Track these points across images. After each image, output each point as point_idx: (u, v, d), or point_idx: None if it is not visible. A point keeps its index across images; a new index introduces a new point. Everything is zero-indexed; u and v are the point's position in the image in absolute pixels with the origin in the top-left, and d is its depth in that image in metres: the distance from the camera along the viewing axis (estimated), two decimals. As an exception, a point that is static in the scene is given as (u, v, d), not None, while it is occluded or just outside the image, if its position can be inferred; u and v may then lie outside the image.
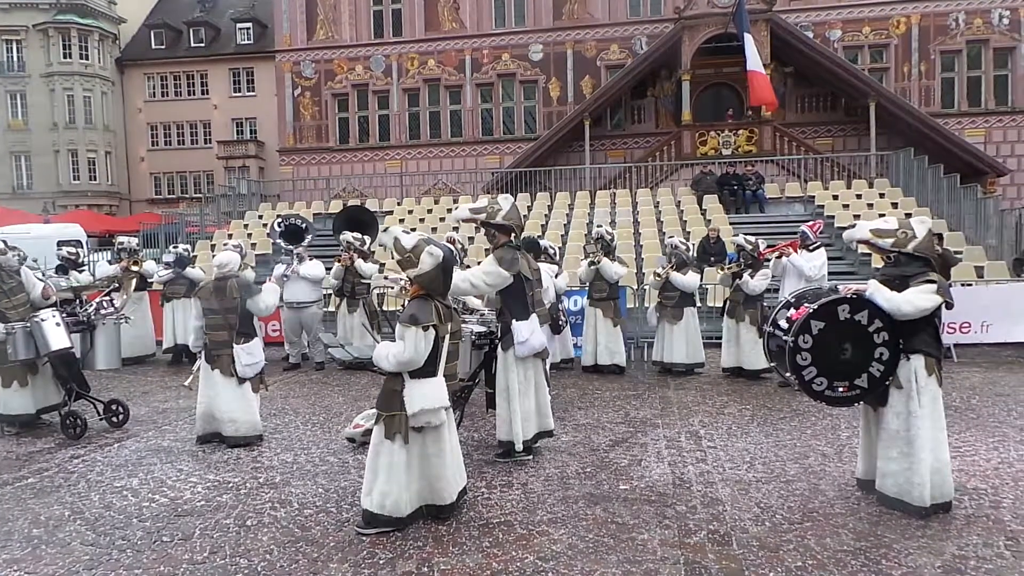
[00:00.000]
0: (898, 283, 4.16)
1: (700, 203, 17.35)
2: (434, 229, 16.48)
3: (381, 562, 3.64)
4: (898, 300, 4.06)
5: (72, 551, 3.86)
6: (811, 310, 4.20)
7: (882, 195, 16.78)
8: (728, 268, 8.94)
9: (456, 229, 15.60)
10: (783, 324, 4.37)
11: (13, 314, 6.37)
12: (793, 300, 4.51)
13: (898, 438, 4.14)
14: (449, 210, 18.53)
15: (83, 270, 10.07)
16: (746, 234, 9.24)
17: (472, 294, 5.23)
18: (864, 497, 4.43)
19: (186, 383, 6.29)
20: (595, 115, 22.98)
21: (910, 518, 4.05)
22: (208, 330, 5.93)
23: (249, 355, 5.95)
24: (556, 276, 8.56)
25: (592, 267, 8.85)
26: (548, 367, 5.84)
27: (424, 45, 25.99)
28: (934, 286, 4.04)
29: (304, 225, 10.47)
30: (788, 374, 4.28)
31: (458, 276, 4.87)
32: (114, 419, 6.60)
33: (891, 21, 23.31)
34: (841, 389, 4.20)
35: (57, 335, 6.23)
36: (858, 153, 21.47)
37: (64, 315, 6.55)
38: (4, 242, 6.64)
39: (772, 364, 4.73)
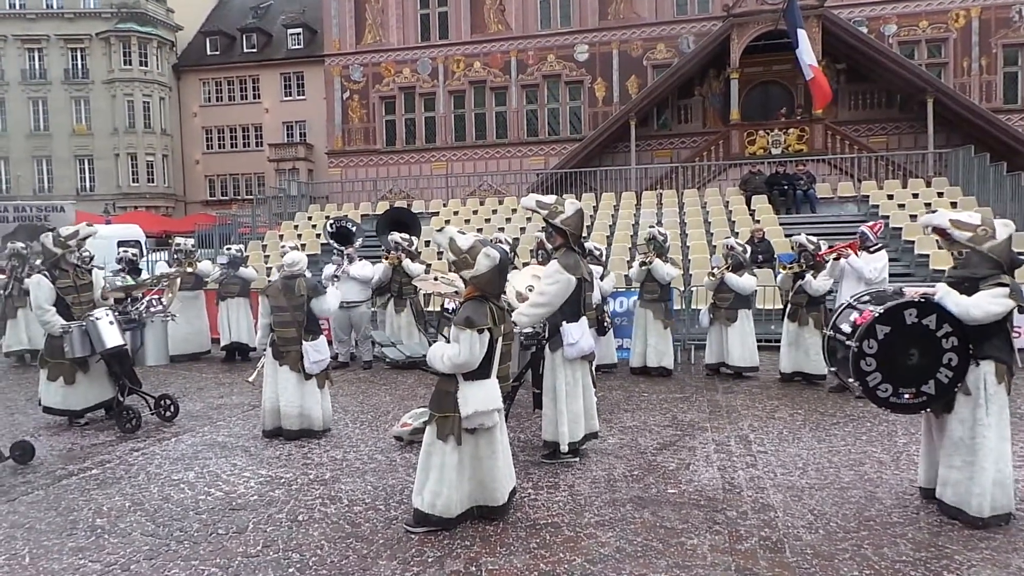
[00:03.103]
0: (967, 286, 3.98)
1: (749, 203, 17.04)
2: (479, 230, 16.55)
3: (429, 560, 3.67)
4: (967, 304, 3.88)
5: (133, 541, 4.00)
6: (877, 314, 4.02)
7: (940, 194, 16.23)
8: (788, 268, 8.69)
9: (502, 230, 15.66)
10: (846, 328, 4.22)
11: (78, 310, 6.63)
12: (855, 303, 4.35)
13: (962, 446, 3.99)
14: (494, 211, 18.62)
15: (140, 269, 10.42)
16: (797, 235, 8.99)
17: (550, 313, 5.10)
18: (924, 506, 4.29)
19: (250, 379, 6.45)
20: (641, 115, 22.78)
21: (973, 529, 3.91)
22: (276, 327, 6.11)
23: (317, 352, 6.13)
24: (602, 278, 8.52)
25: (643, 268, 8.76)
26: (594, 369, 5.81)
27: (470, 47, 26.14)
28: (1005, 290, 3.86)
29: (354, 227, 10.65)
30: (851, 380, 4.11)
31: (528, 309, 4.94)
32: (165, 413, 6.80)
33: (950, 14, 22.50)
34: (907, 396, 4.04)
35: (111, 333, 6.46)
36: (914, 151, 20.78)
37: (116, 313, 6.79)
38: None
39: (832, 369, 4.52)
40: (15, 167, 34.78)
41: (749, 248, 8.96)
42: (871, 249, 7.88)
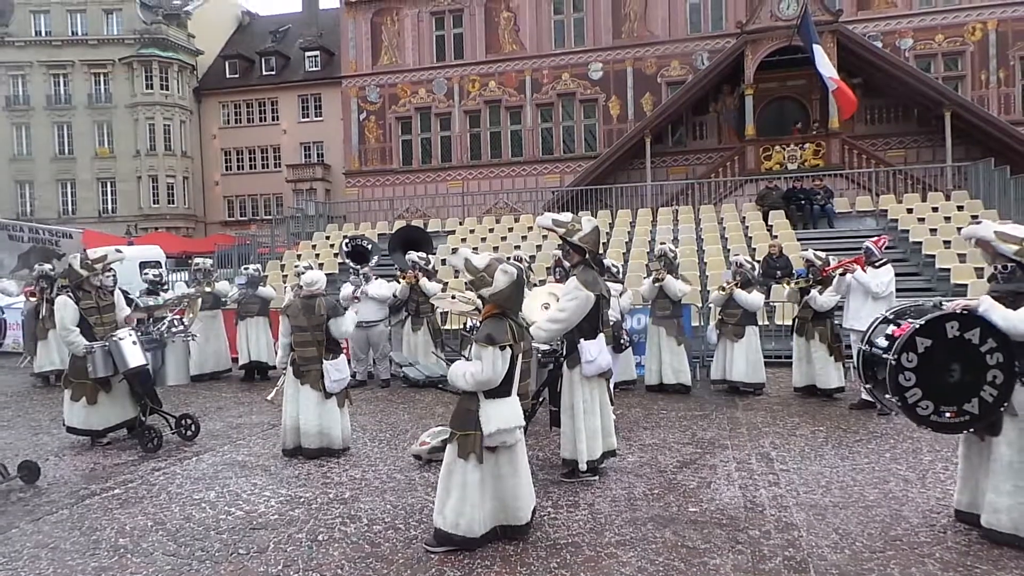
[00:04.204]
0: (1010, 300, 3.84)
1: (766, 219, 16.97)
2: (496, 248, 16.60)
3: (450, 580, 3.65)
4: (1015, 319, 3.74)
5: (155, 560, 4.02)
6: (916, 326, 3.86)
7: (960, 208, 16.06)
8: (795, 284, 8.71)
9: (518, 248, 15.69)
10: (882, 342, 4.05)
11: (100, 331, 6.70)
12: (892, 316, 4.21)
13: (1011, 470, 3.82)
14: (510, 229, 18.68)
15: (166, 289, 10.54)
16: (815, 250, 9.01)
17: (568, 329, 5.09)
18: (952, 525, 4.21)
19: (269, 397, 6.49)
20: (656, 132, 22.83)
21: (1002, 548, 3.83)
22: (297, 346, 6.16)
23: (337, 371, 6.18)
24: (620, 295, 8.51)
25: (656, 284, 8.76)
26: (612, 386, 5.79)
27: (485, 67, 26.41)
28: None
29: (370, 246, 10.73)
30: (888, 396, 3.94)
31: (547, 324, 4.94)
32: (186, 433, 6.85)
33: (966, 28, 22.42)
34: (948, 415, 3.86)
35: (134, 353, 6.55)
36: (933, 165, 20.62)
37: (138, 333, 6.88)
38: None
39: (867, 386, 4.34)
40: (39, 190, 35.43)
41: (757, 265, 8.98)
42: (876, 264, 7.87)
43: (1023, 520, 3.79)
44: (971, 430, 3.97)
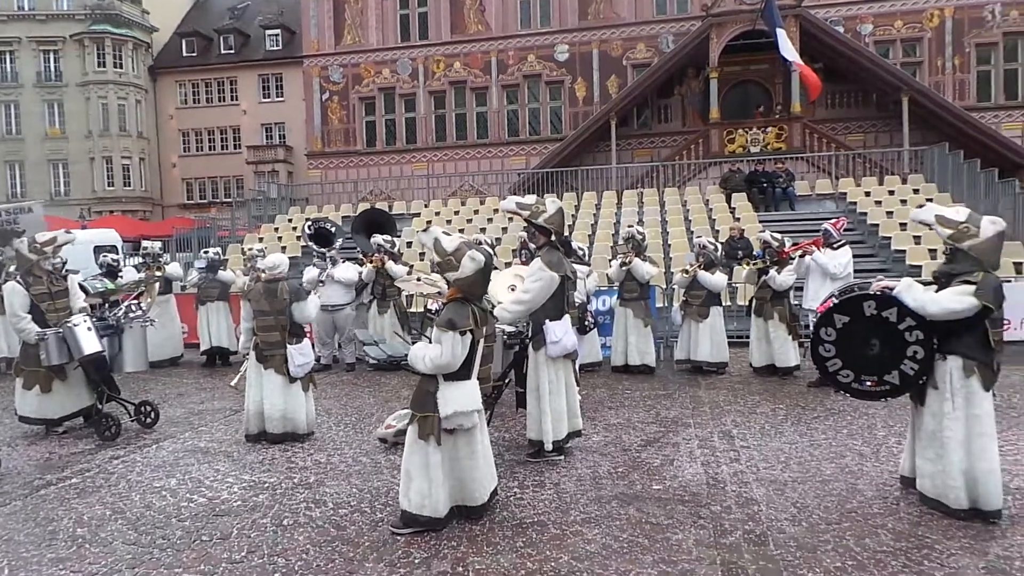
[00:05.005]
0: (944, 281, 4.01)
1: (729, 201, 17.18)
2: (461, 230, 16.51)
3: (416, 561, 3.66)
4: (924, 300, 3.93)
5: (115, 550, 3.94)
6: (833, 304, 4.26)
7: (916, 191, 16.47)
8: (753, 265, 8.88)
9: (484, 230, 15.65)
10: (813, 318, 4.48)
11: (53, 317, 6.51)
12: (837, 294, 4.46)
13: (934, 439, 4.06)
14: (476, 211, 18.60)
15: (121, 275, 10.27)
16: (776, 232, 9.16)
17: (532, 310, 5.10)
18: (904, 497, 4.35)
19: (232, 383, 6.39)
20: (621, 115, 22.89)
21: (951, 518, 3.97)
22: (259, 331, 6.07)
23: (302, 355, 6.12)
24: (587, 276, 8.55)
25: (623, 267, 8.83)
26: (578, 367, 5.83)
27: (450, 48, 26.11)
28: (971, 287, 3.82)
29: (333, 229, 10.58)
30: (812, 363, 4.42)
31: (511, 305, 4.95)
32: (146, 420, 6.71)
33: (924, 14, 22.85)
34: (869, 383, 4.25)
35: (89, 340, 6.36)
36: (891, 149, 21.07)
37: (93, 319, 6.69)
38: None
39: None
40: (-13, 172, 34.22)
41: (720, 246, 9.12)
42: (835, 245, 8.06)
43: (944, 487, 4.01)
44: (889, 399, 4.32)
